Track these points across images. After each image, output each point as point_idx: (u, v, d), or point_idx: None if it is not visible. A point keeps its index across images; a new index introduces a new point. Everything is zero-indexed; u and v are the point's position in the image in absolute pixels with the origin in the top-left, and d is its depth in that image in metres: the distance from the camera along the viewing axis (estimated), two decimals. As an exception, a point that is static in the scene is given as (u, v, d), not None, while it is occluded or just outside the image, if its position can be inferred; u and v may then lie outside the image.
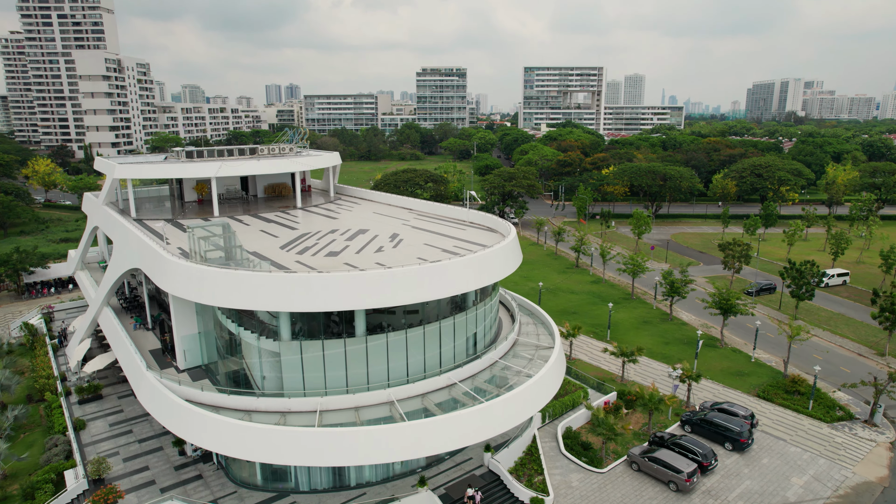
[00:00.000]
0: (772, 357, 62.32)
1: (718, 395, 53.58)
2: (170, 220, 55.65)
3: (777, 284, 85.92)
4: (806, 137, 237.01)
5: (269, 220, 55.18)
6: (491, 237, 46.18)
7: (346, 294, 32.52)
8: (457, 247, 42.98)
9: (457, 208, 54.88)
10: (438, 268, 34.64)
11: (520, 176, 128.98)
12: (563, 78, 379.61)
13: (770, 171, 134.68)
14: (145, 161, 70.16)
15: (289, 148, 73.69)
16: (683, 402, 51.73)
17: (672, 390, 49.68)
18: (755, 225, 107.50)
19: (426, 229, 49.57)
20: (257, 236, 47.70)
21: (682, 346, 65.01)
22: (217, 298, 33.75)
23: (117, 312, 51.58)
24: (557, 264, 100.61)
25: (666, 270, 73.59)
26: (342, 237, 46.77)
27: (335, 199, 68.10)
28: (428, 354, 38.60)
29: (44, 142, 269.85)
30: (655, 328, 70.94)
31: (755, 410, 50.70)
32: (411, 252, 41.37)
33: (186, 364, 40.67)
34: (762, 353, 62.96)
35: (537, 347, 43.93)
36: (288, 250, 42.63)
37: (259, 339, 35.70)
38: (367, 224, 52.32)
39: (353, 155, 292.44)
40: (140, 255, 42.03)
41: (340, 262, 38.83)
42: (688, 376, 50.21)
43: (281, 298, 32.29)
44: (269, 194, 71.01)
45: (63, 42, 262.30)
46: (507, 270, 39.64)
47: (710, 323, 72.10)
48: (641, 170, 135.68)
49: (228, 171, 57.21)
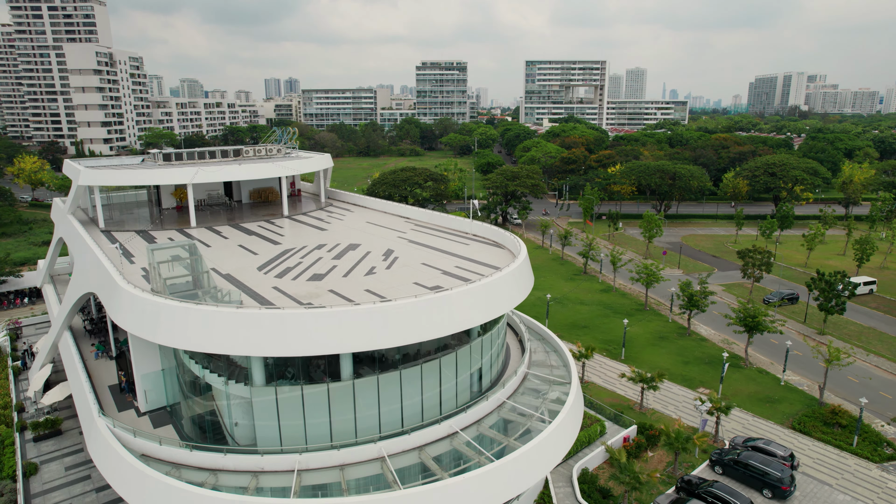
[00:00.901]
0: (803, 379, 57.00)
1: (748, 428, 48.28)
2: (141, 231, 50.22)
3: (800, 293, 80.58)
4: (815, 133, 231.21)
5: (251, 231, 49.76)
6: (497, 254, 40.79)
7: (327, 336, 27.20)
8: (459, 267, 37.63)
9: (458, 219, 49.46)
10: (438, 301, 29.28)
11: (523, 175, 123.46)
12: (566, 72, 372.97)
13: (784, 170, 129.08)
14: (119, 165, 64.75)
15: (276, 149, 68.25)
16: (711, 435, 46.45)
17: (700, 426, 44.43)
18: (771, 228, 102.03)
19: (424, 244, 44.20)
20: (234, 253, 42.31)
21: (703, 367, 59.71)
22: (174, 338, 28.39)
23: (79, 337, 46.30)
24: (564, 270, 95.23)
25: (683, 281, 68.22)
26: (329, 254, 41.40)
27: (326, 205, 62.66)
28: (426, 395, 33.29)
29: (35, 137, 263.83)
30: (673, 344, 65.62)
31: (791, 446, 45.44)
32: (407, 274, 36.03)
33: (148, 406, 35.34)
34: (792, 375, 57.66)
35: (551, 382, 38.59)
36: (266, 272, 37.27)
37: (228, 383, 30.36)
38: (358, 237, 46.93)
39: (352, 151, 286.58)
40: (96, 277, 36.64)
41: (324, 288, 33.49)
42: (716, 408, 44.91)
43: (250, 341, 26.96)
44: (255, 199, 65.56)
45: (54, 35, 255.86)
46: (518, 298, 34.27)
47: (732, 338, 66.79)
48: (650, 168, 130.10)
49: (205, 178, 51.73)
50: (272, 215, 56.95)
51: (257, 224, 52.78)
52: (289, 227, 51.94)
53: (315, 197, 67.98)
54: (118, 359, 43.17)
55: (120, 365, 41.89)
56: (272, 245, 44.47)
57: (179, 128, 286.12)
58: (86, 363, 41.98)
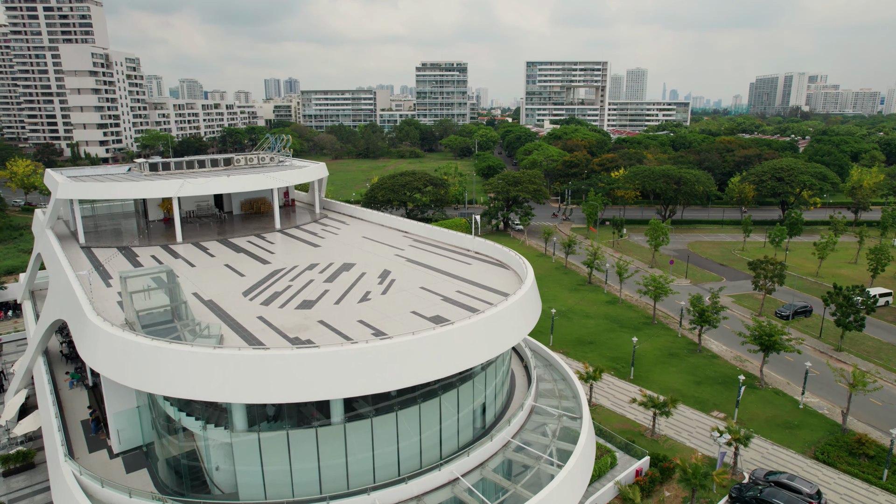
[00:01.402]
0: (822, 402, 54.13)
1: (768, 458, 45.41)
2: (124, 247, 47.35)
3: (814, 306, 77.71)
4: (820, 136, 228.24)
5: (240, 248, 46.88)
6: (502, 276, 37.96)
7: (314, 381, 24.36)
8: (461, 292, 34.79)
9: (459, 235, 46.59)
10: (438, 338, 26.44)
11: (525, 180, 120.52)
12: (567, 73, 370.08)
13: (792, 174, 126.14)
14: (104, 175, 61.91)
15: (270, 157, 65.48)
16: (729, 467, 43.58)
17: (718, 459, 41.57)
18: (781, 235, 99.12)
19: (423, 263, 41.37)
20: (220, 274, 39.45)
21: (716, 388, 56.82)
22: (145, 382, 25.52)
23: (55, 362, 43.45)
24: (568, 280, 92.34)
25: (694, 295, 65.33)
26: (322, 276, 38.55)
27: (320, 216, 59.80)
28: (425, 435, 30.45)
29: (31, 139, 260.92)
30: (683, 362, 62.74)
31: (816, 479, 42.60)
32: (404, 301, 33.20)
33: (121, 446, 32.44)
34: (811, 397, 54.78)
35: (559, 416, 35.73)
36: (253, 297, 34.42)
37: (206, 427, 27.51)
38: (353, 254, 44.09)
39: (351, 153, 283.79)
40: (66, 303, 33.78)
41: (314, 318, 30.67)
42: (735, 439, 42.05)
43: (228, 387, 24.14)
44: (247, 211, 62.76)
45: (50, 36, 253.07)
46: (525, 330, 31.43)
47: (745, 355, 63.88)
48: (655, 173, 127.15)
49: (192, 191, 48.85)
50: (263, 229, 54.10)
51: (247, 239, 49.92)
52: (280, 242, 49.09)
53: (309, 207, 65.15)
54: (93, 389, 40.29)
55: (95, 396, 39.02)
56: (261, 265, 41.62)
57: (177, 129, 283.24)
58: (59, 393, 39.16)
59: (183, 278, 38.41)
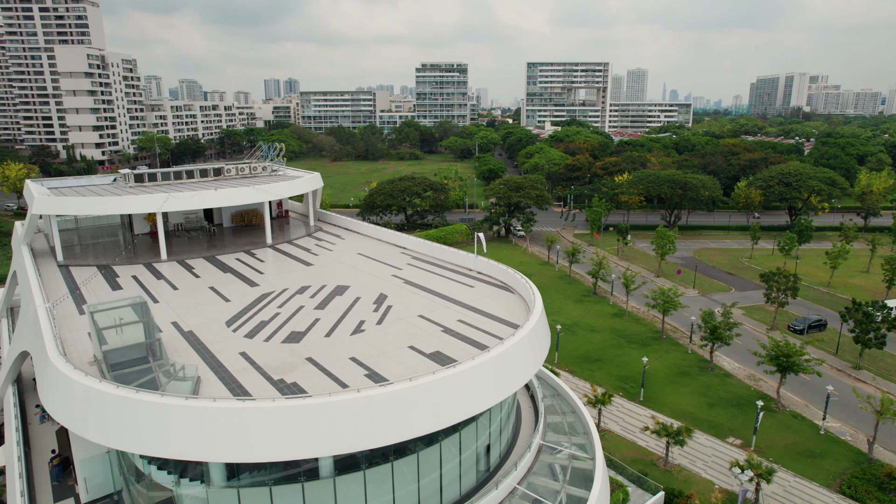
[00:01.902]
0: (844, 427, 51.30)
1: (791, 492, 42.61)
2: (104, 266, 44.52)
3: (828, 319, 74.92)
4: (825, 138, 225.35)
5: (228, 267, 44.05)
6: (507, 302, 35.15)
7: (298, 437, 21.54)
8: (463, 322, 31.99)
9: (461, 253, 43.76)
10: (439, 385, 23.61)
11: (528, 186, 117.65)
12: (568, 74, 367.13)
13: (800, 179, 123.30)
14: (87, 185, 59.13)
15: (262, 166, 62.71)
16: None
17: (739, 497, 38.72)
18: (791, 244, 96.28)
19: (422, 286, 38.55)
20: (204, 299, 36.61)
21: (731, 410, 53.98)
22: (107, 436, 22.66)
23: (27, 391, 40.57)
24: (572, 290, 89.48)
25: (706, 311, 62.51)
26: (313, 301, 35.74)
27: (315, 230, 56.95)
28: (423, 483, 27.63)
29: (27, 141, 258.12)
30: (695, 382, 59.91)
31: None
32: (401, 333, 30.40)
33: (89, 495, 29.55)
34: (832, 421, 51.95)
35: (570, 457, 32.90)
36: (236, 328, 31.60)
37: (179, 482, 24.68)
38: (347, 274, 41.29)
39: (350, 154, 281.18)
40: (31, 335, 30.94)
41: (302, 355, 27.89)
42: (757, 474, 39.22)
43: (201, 444, 21.32)
44: (238, 223, 59.92)
45: (45, 37, 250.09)
46: (534, 368, 28.61)
47: (758, 374, 61.08)
48: (660, 178, 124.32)
49: (176, 205, 46.00)
50: (254, 244, 51.26)
51: (236, 256, 47.10)
52: (271, 260, 46.26)
53: (304, 219, 62.36)
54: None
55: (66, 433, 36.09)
56: (248, 287, 38.78)
57: (174, 131, 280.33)
58: (27, 428, 36.33)
59: (163, 304, 35.64)
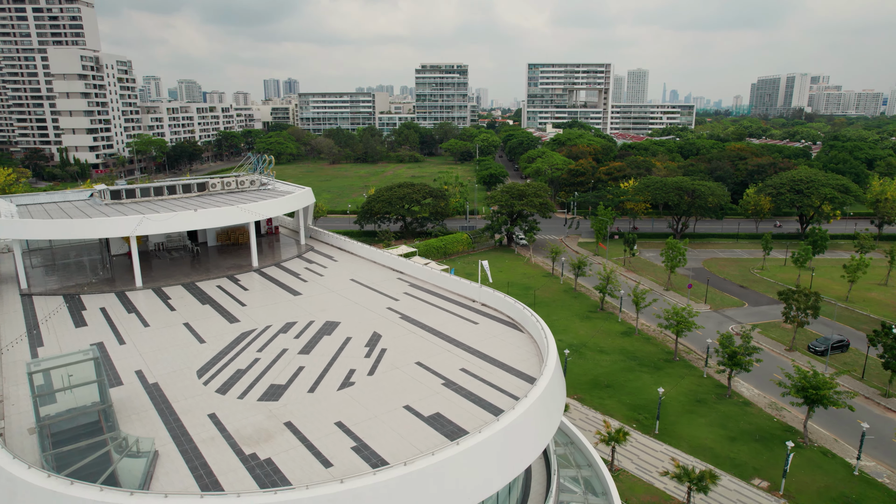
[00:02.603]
0: (880, 466, 47.38)
1: (827, 546, 38.73)
2: (71, 296, 40.62)
3: (850, 339, 71.05)
4: (832, 141, 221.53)
5: (207, 297, 40.15)
6: (516, 344, 31.27)
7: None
8: (466, 371, 28.14)
9: (463, 282, 39.85)
10: (439, 470, 19.72)
11: (531, 193, 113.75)
12: (569, 75, 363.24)
13: (812, 186, 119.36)
14: (61, 200, 55.22)
15: (250, 180, 58.81)
16: (783, 560, 36.89)
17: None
18: (806, 255, 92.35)
19: (420, 322, 34.66)
20: (175, 339, 32.72)
21: (754, 446, 50.06)
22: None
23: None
24: (578, 305, 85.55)
25: (724, 334, 58.61)
26: (297, 342, 31.88)
27: (306, 249, 53.04)
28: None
29: (21, 143, 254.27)
30: (712, 411, 56.00)
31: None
32: (395, 386, 26.54)
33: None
34: (867, 460, 48.03)
35: (589, 525, 29.02)
36: (209, 379, 27.73)
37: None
38: (338, 307, 37.42)
39: (349, 157, 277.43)
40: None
41: (281, 418, 24.04)
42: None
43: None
44: (224, 242, 56.04)
45: (39, 38, 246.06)
46: (549, 434, 24.69)
47: (780, 402, 57.17)
48: (667, 185, 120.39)
49: (151, 229, 42.09)
50: (239, 267, 47.37)
51: (217, 283, 43.20)
52: (257, 288, 42.34)
53: (295, 236, 58.50)
54: None
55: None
56: (228, 324, 34.88)
57: (171, 133, 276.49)
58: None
59: (130, 346, 31.77)
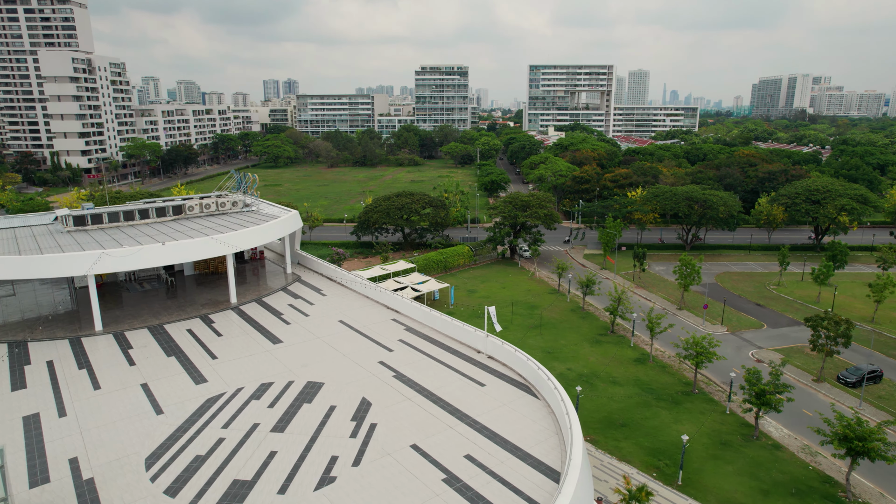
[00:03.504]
0: (932, 529, 42.31)
1: None
2: (19, 343, 35.54)
3: (883, 368, 65.96)
4: (842, 145, 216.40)
5: (174, 346, 35.09)
6: (529, 416, 26.31)
7: None
8: (472, 458, 23.23)
9: (467, 329, 34.82)
10: None
11: (535, 204, 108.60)
12: (571, 77, 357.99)
13: (829, 196, 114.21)
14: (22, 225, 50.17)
15: (231, 201, 53.74)
16: None
17: None
18: (827, 272, 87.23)
19: (418, 384, 29.65)
20: (128, 408, 27.69)
21: (790, 501, 44.93)
22: None
23: None
24: (587, 327, 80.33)
25: (751, 370, 53.46)
26: (271, 415, 26.86)
27: (292, 280, 47.97)
28: None
29: (13, 147, 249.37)
30: (740, 456, 50.84)
31: None
32: (386, 485, 21.58)
33: None
34: (916, 521, 42.94)
35: None
36: (157, 473, 22.74)
37: None
38: (323, 362, 32.38)
39: (348, 160, 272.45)
40: None
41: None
42: None
43: None
44: (202, 270, 50.99)
45: (31, 39, 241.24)
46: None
47: (814, 445, 51.95)
48: (677, 195, 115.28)
49: (110, 266, 37.00)
50: (216, 305, 42.31)
51: (188, 326, 38.15)
52: (233, 333, 37.25)
53: (281, 261, 53.45)
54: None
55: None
56: (193, 385, 29.85)
57: (166, 137, 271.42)
58: None
59: (71, 419, 26.79)
